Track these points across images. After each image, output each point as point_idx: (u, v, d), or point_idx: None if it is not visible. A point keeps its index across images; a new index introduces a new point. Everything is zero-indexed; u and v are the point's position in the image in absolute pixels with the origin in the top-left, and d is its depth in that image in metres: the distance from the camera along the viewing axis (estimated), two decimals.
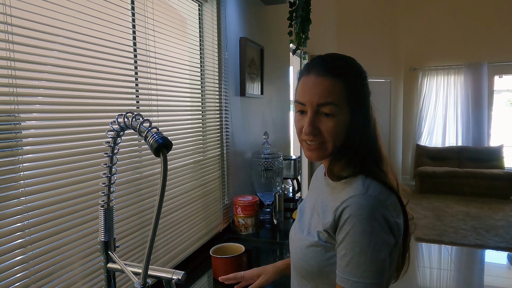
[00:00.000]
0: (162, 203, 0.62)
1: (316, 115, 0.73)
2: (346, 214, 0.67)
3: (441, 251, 3.67)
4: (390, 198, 0.70)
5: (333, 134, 0.73)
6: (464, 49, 6.17)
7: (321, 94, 0.72)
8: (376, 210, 0.66)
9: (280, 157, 2.01)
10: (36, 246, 0.81)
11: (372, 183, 0.70)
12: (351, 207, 0.67)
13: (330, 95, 0.71)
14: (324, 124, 0.73)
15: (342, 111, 0.72)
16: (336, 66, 0.74)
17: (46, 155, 0.84)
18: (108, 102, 1.03)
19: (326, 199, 0.78)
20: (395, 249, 0.70)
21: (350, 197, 0.69)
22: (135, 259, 1.14)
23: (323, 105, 0.72)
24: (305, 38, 2.10)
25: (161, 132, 0.65)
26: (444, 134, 6.45)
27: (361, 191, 0.68)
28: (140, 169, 1.18)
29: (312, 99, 0.72)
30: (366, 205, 0.66)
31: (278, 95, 2.75)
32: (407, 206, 0.74)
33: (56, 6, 0.85)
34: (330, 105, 0.71)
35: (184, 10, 1.49)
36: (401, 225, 0.71)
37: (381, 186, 0.70)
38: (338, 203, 0.70)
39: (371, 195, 0.68)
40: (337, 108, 0.72)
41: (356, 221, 0.66)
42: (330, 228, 0.71)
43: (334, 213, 0.70)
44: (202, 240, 1.58)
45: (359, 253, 0.65)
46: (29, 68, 0.80)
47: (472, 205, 5.13)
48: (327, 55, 0.77)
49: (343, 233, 0.68)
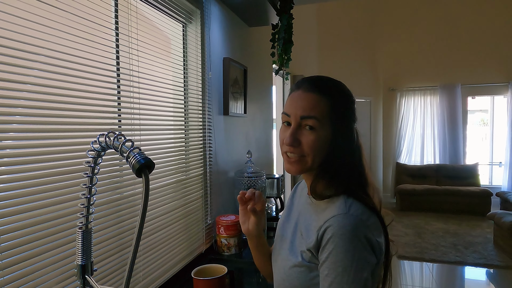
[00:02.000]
0: (143, 225, 0.61)
1: (299, 127, 0.76)
2: (329, 234, 0.68)
3: (422, 268, 3.71)
4: (371, 218, 0.71)
5: (313, 148, 0.74)
6: (439, 71, 6.46)
7: (305, 107, 0.74)
8: (358, 230, 0.67)
9: (263, 176, 2.01)
10: (9, 271, 0.77)
11: (354, 203, 0.71)
12: (333, 226, 0.68)
13: (314, 109, 0.74)
14: (305, 137, 0.75)
15: (323, 127, 0.74)
16: (324, 85, 0.77)
17: (23, 176, 0.81)
18: (89, 121, 1.02)
19: (309, 218, 0.78)
20: (377, 268, 0.71)
21: (332, 216, 0.69)
22: (114, 283, 1.10)
23: (306, 118, 0.74)
24: (288, 59, 2.16)
25: (143, 152, 0.64)
26: (422, 153, 6.63)
27: (343, 211, 0.69)
28: (120, 189, 1.15)
29: (296, 111, 0.75)
30: (348, 224, 0.67)
31: (261, 114, 2.78)
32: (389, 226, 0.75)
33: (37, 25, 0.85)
34: (313, 119, 0.74)
35: (168, 31, 1.51)
36: (382, 244, 0.71)
37: (363, 206, 0.71)
38: (321, 222, 0.71)
39: (352, 215, 0.68)
40: (319, 123, 0.74)
41: (338, 241, 0.66)
42: (313, 247, 0.71)
43: (317, 232, 0.70)
44: (184, 261, 1.54)
45: (341, 273, 0.66)
46: (6, 87, 0.78)
47: (451, 222, 5.24)
48: (319, 75, 0.81)
49: (325, 252, 0.68)
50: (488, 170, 6.55)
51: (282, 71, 2.23)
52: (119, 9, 1.16)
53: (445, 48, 6.40)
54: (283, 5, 2.04)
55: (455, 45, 6.35)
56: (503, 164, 6.26)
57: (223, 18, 1.99)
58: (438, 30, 6.41)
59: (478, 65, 6.27)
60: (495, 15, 6.13)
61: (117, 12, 1.16)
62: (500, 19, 6.11)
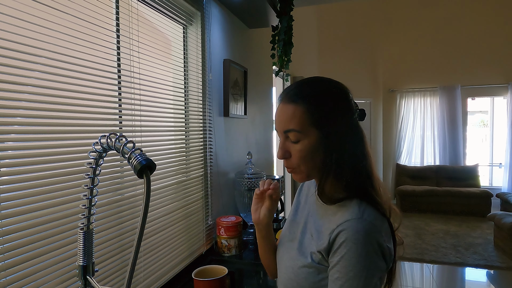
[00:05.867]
0: (144, 225, 0.62)
1: (287, 139, 0.77)
2: (342, 238, 0.68)
3: (423, 269, 3.71)
4: (384, 224, 0.71)
5: (302, 158, 0.75)
6: (439, 73, 6.47)
7: (284, 121, 0.75)
8: (371, 236, 0.67)
9: (264, 177, 2.02)
10: (11, 272, 0.77)
11: (368, 208, 0.70)
12: (347, 231, 0.67)
13: (291, 122, 0.74)
14: (293, 148, 0.76)
15: (307, 135, 0.73)
16: (297, 92, 0.75)
17: (24, 177, 0.82)
18: (90, 123, 1.02)
19: (319, 219, 0.78)
20: (385, 273, 0.71)
21: (346, 220, 0.69)
22: (115, 284, 1.10)
23: (287, 131, 0.75)
24: (288, 61, 2.16)
25: (145, 153, 0.65)
26: (422, 154, 6.64)
27: (357, 215, 0.69)
28: (121, 190, 1.16)
29: (279, 126, 0.77)
30: (362, 230, 0.67)
31: (261, 115, 2.79)
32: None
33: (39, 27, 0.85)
34: (292, 132, 0.74)
35: (169, 33, 1.52)
36: (392, 250, 0.72)
37: (376, 212, 0.71)
38: (333, 225, 0.70)
39: (366, 220, 0.68)
40: (300, 134, 0.74)
41: (352, 245, 0.66)
42: (325, 250, 0.71)
43: (330, 235, 0.70)
44: (184, 262, 1.54)
45: (352, 278, 0.66)
46: (8, 89, 0.79)
47: (451, 223, 5.24)
48: (298, 81, 0.80)
49: (337, 256, 0.68)
50: (488, 171, 6.56)
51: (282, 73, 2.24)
52: (120, 11, 1.17)
53: (445, 49, 6.41)
54: (283, 7, 2.05)
55: (455, 47, 6.36)
56: (503, 165, 6.26)
57: (224, 20, 2.00)
58: (437, 32, 6.42)
59: (478, 66, 6.28)
60: (495, 17, 6.15)
61: (118, 15, 1.16)
62: (499, 21, 6.13)
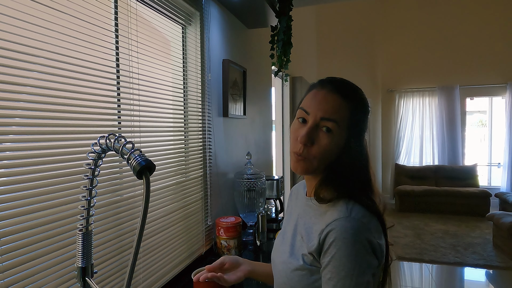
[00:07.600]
0: (144, 226, 0.61)
1: (316, 128, 0.75)
2: (331, 238, 0.68)
3: (422, 269, 3.71)
4: (372, 221, 0.71)
5: (323, 151, 0.74)
6: (437, 73, 6.48)
7: (328, 109, 0.74)
8: (360, 233, 0.67)
9: (263, 178, 2.01)
10: (9, 274, 0.77)
11: (355, 206, 0.71)
12: (336, 230, 0.68)
13: (336, 113, 0.74)
14: (320, 139, 0.74)
15: (340, 132, 0.74)
16: (348, 89, 0.77)
17: (22, 178, 0.81)
18: (89, 123, 1.02)
19: (309, 221, 0.78)
20: (378, 270, 0.71)
21: (334, 220, 0.69)
22: (114, 285, 1.10)
23: (326, 120, 0.74)
24: (287, 61, 2.16)
25: (144, 154, 0.64)
26: (421, 154, 6.65)
27: (345, 214, 0.69)
28: (121, 191, 1.15)
29: (317, 111, 0.75)
30: (350, 228, 0.67)
31: (261, 115, 2.78)
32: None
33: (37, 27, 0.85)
34: (333, 122, 0.74)
35: (168, 33, 1.51)
36: (383, 246, 0.72)
37: (364, 209, 0.71)
38: (322, 225, 0.71)
39: (354, 218, 0.68)
40: (338, 127, 0.74)
41: (341, 245, 0.66)
42: (315, 251, 0.71)
43: (319, 236, 0.70)
44: (184, 263, 1.54)
45: (344, 277, 0.66)
46: (6, 89, 0.78)
47: (450, 223, 5.25)
48: (342, 79, 0.80)
49: (328, 256, 0.68)
50: (486, 171, 6.57)
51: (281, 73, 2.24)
52: (118, 11, 1.17)
53: (443, 49, 6.42)
54: (282, 7, 2.05)
55: (453, 47, 6.37)
56: (501, 165, 6.28)
57: (223, 20, 2.00)
58: (436, 32, 6.43)
59: (476, 66, 6.30)
60: (493, 17, 6.16)
61: (117, 15, 1.16)
62: (497, 21, 6.14)
